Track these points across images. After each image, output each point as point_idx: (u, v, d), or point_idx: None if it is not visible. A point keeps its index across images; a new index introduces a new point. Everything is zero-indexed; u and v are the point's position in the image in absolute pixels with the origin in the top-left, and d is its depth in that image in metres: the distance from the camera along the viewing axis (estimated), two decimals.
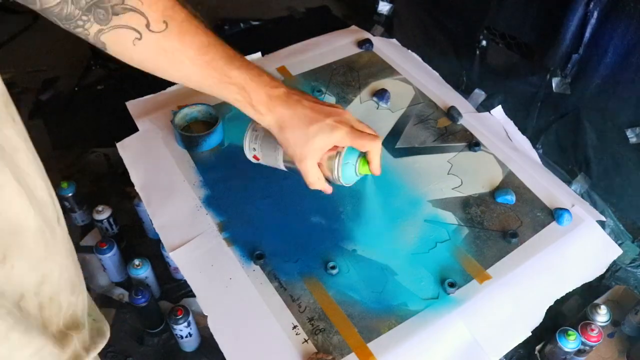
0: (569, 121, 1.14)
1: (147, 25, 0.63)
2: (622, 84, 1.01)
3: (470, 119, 1.15)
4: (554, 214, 0.95)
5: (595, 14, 1.00)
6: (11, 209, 0.47)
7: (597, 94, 1.06)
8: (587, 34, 1.03)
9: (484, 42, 1.25)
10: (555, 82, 1.12)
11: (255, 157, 0.79)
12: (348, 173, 0.72)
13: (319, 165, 0.72)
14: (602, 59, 1.02)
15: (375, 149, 0.71)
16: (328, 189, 0.74)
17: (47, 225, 0.51)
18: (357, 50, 1.29)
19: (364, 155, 0.72)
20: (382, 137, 0.71)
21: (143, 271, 0.99)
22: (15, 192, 0.46)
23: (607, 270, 1.03)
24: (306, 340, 0.79)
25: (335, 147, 0.70)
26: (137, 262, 0.99)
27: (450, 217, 0.95)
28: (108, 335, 0.61)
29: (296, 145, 0.70)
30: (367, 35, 1.34)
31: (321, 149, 0.70)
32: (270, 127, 0.71)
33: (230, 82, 0.68)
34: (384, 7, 1.48)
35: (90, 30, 0.63)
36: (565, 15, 1.03)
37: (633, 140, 1.03)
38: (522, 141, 1.17)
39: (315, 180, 0.72)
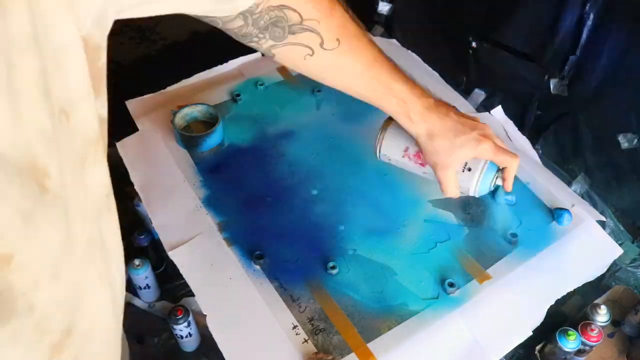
0: (566, 122, 1.14)
1: (321, 44, 0.67)
2: (616, 87, 1.01)
3: None
4: (554, 214, 0.95)
5: (592, 15, 1.00)
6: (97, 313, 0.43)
7: (593, 96, 1.06)
8: (583, 36, 1.03)
9: (483, 43, 1.25)
10: (552, 83, 1.12)
11: (389, 158, 0.85)
12: (484, 186, 0.77)
13: (456, 178, 0.78)
14: (598, 61, 1.02)
15: (513, 166, 0.76)
16: (457, 195, 0.80)
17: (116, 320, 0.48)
18: None
19: (500, 170, 0.77)
20: (519, 157, 0.77)
21: (143, 271, 0.99)
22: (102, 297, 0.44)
23: (607, 270, 1.03)
24: (306, 340, 0.79)
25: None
26: (137, 262, 0.99)
27: (450, 217, 0.95)
28: None
29: (441, 154, 0.75)
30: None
31: (464, 159, 0.75)
32: (418, 135, 0.76)
33: (392, 94, 0.73)
34: (384, 7, 1.48)
35: (264, 45, 0.67)
36: (562, 16, 1.04)
37: (625, 145, 1.03)
38: (522, 141, 1.17)
39: (453, 189, 0.78)
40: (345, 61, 0.70)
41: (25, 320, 0.32)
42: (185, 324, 0.94)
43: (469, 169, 0.76)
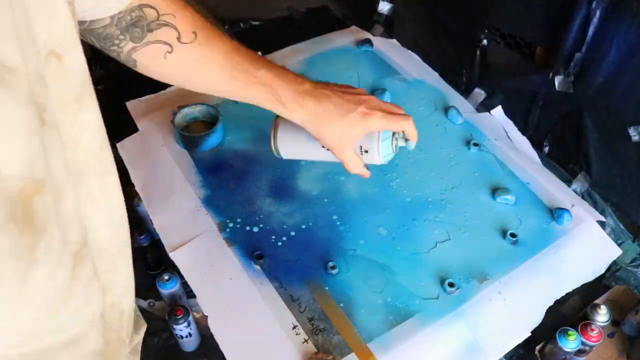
0: (570, 120, 1.14)
1: (179, 38, 0.66)
2: (625, 83, 1.01)
3: (470, 118, 1.15)
4: (554, 214, 0.95)
5: (598, 12, 1.00)
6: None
7: (600, 92, 1.06)
8: (590, 33, 1.03)
9: (484, 42, 1.25)
10: (558, 80, 1.12)
11: (287, 153, 0.80)
12: (387, 153, 0.75)
13: (358, 154, 0.75)
14: (605, 58, 1.02)
15: (408, 127, 0.74)
16: (367, 173, 0.77)
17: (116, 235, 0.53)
18: (357, 50, 1.29)
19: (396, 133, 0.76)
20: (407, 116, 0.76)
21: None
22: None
23: (607, 270, 1.03)
24: (306, 340, 0.79)
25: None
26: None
27: (450, 217, 0.95)
28: (145, 324, 0.65)
29: (333, 138, 0.72)
30: (367, 35, 1.34)
31: (358, 137, 0.72)
32: (303, 123, 0.73)
33: (257, 82, 0.70)
34: (384, 7, 1.48)
35: (124, 49, 0.66)
36: (568, 14, 1.03)
37: (635, 138, 1.03)
38: (522, 141, 1.17)
39: (357, 166, 0.75)
40: (203, 53, 0.68)
41: (55, 232, 0.38)
42: (185, 324, 0.94)
43: (366, 141, 0.74)
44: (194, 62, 0.68)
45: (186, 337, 0.97)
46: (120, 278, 0.55)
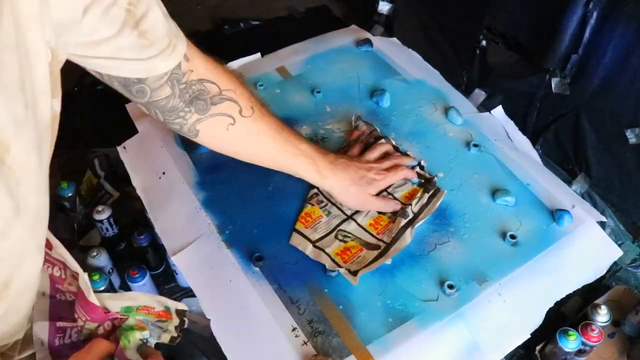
0: (568, 121, 1.14)
1: (240, 112, 0.74)
2: (621, 85, 1.01)
3: (470, 119, 1.14)
4: (555, 215, 0.95)
5: (595, 14, 1.00)
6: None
7: (597, 94, 1.06)
8: (586, 34, 1.03)
9: (483, 42, 1.24)
10: (554, 82, 1.12)
11: None
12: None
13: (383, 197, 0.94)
14: (602, 60, 1.02)
15: (402, 175, 0.95)
16: (398, 205, 0.93)
17: None
18: (357, 50, 1.29)
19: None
20: (412, 160, 1.00)
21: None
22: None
23: (608, 271, 1.02)
24: (305, 343, 0.79)
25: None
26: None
27: (449, 219, 0.95)
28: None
29: (357, 197, 0.89)
30: (367, 35, 1.33)
31: (374, 192, 0.91)
32: (332, 188, 0.88)
33: (301, 154, 0.82)
34: (384, 7, 1.48)
35: (189, 120, 0.73)
36: (565, 15, 1.03)
37: (633, 140, 1.03)
38: (523, 141, 1.17)
39: (386, 205, 0.92)
40: (261, 126, 0.77)
41: None
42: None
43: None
44: (253, 135, 0.77)
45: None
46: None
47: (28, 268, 0.52)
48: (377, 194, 0.92)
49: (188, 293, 1.08)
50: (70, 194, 1.15)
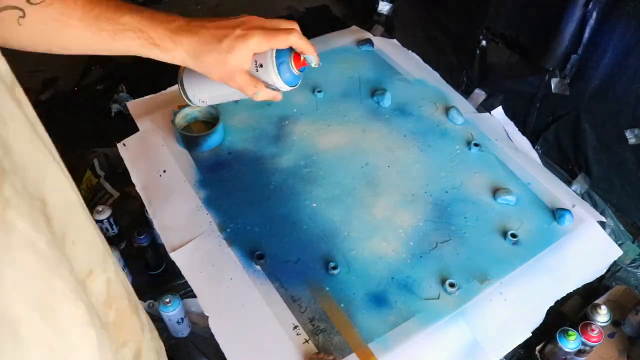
0: (568, 121, 1.14)
1: (27, 0, 0.60)
2: (621, 85, 1.01)
3: (471, 119, 1.15)
4: (556, 215, 0.95)
5: (594, 14, 1.00)
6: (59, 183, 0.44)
7: (596, 94, 1.06)
8: (586, 35, 1.03)
9: (483, 42, 1.25)
10: (554, 82, 1.12)
11: (201, 100, 0.77)
12: (286, 74, 0.70)
13: (254, 77, 0.70)
14: (601, 60, 1.02)
15: (294, 40, 0.68)
16: (277, 96, 0.72)
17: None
18: (357, 50, 1.29)
19: (294, 50, 0.69)
20: (295, 23, 0.70)
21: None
22: (55, 167, 0.44)
23: (607, 271, 1.03)
24: (307, 341, 0.79)
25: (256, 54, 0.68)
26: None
27: (450, 218, 0.95)
28: None
29: (217, 67, 0.68)
30: (368, 35, 1.33)
31: (243, 61, 0.68)
32: (184, 62, 0.68)
33: (125, 28, 0.65)
34: (384, 7, 1.48)
35: None
36: (564, 16, 1.03)
37: (632, 141, 1.03)
38: (523, 141, 1.17)
39: (254, 90, 0.70)
40: (59, 10, 0.62)
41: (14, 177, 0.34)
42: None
43: (261, 65, 0.69)
44: (52, 22, 0.63)
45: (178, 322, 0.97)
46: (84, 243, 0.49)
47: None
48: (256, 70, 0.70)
49: (188, 293, 1.07)
50: None
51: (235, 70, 0.68)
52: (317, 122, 1.12)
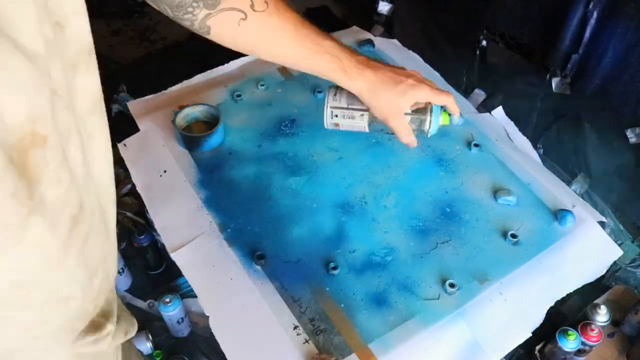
0: (569, 121, 1.14)
1: (252, 6, 0.69)
2: (621, 84, 1.01)
3: (471, 119, 1.15)
4: (557, 216, 0.95)
5: (595, 14, 1.00)
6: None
7: (597, 94, 1.06)
8: (586, 34, 1.03)
9: (484, 42, 1.25)
10: (554, 82, 1.12)
11: (337, 124, 0.85)
12: (435, 125, 0.80)
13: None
14: (602, 59, 1.02)
15: (450, 102, 0.80)
16: (415, 142, 0.82)
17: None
18: (358, 50, 1.29)
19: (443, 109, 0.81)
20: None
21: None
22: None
23: (607, 271, 1.03)
24: (307, 341, 0.79)
25: (415, 104, 0.79)
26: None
27: (451, 218, 0.95)
28: (135, 324, 0.65)
29: (387, 105, 0.78)
30: (369, 35, 1.34)
31: (407, 105, 0.78)
32: (360, 91, 0.78)
33: (324, 51, 0.75)
34: (384, 7, 1.48)
35: (199, 16, 0.68)
36: (565, 16, 1.03)
37: (633, 140, 1.03)
38: (523, 142, 1.17)
39: (408, 133, 0.80)
40: (276, 22, 0.72)
41: (51, 187, 0.39)
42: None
43: (417, 113, 0.80)
44: (267, 30, 0.72)
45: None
46: (108, 246, 0.55)
47: (92, 191, 0.49)
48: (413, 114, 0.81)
49: (188, 293, 1.07)
50: None
51: (399, 112, 0.79)
52: (317, 122, 1.11)
